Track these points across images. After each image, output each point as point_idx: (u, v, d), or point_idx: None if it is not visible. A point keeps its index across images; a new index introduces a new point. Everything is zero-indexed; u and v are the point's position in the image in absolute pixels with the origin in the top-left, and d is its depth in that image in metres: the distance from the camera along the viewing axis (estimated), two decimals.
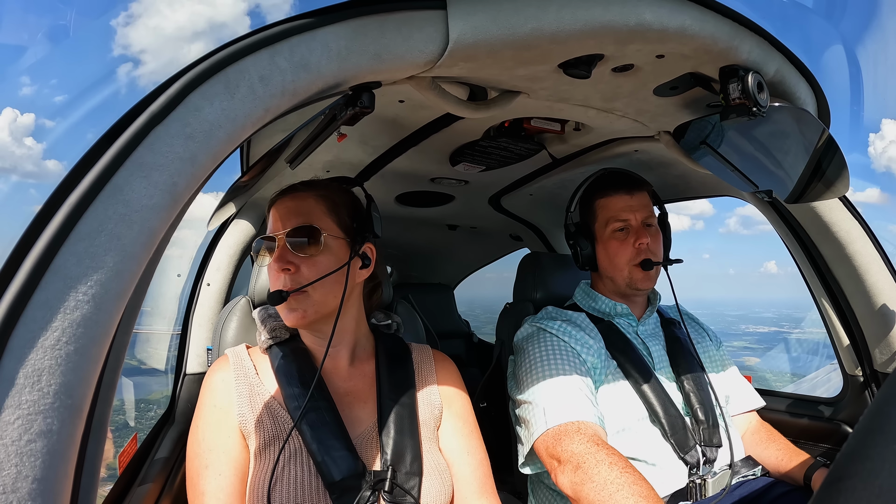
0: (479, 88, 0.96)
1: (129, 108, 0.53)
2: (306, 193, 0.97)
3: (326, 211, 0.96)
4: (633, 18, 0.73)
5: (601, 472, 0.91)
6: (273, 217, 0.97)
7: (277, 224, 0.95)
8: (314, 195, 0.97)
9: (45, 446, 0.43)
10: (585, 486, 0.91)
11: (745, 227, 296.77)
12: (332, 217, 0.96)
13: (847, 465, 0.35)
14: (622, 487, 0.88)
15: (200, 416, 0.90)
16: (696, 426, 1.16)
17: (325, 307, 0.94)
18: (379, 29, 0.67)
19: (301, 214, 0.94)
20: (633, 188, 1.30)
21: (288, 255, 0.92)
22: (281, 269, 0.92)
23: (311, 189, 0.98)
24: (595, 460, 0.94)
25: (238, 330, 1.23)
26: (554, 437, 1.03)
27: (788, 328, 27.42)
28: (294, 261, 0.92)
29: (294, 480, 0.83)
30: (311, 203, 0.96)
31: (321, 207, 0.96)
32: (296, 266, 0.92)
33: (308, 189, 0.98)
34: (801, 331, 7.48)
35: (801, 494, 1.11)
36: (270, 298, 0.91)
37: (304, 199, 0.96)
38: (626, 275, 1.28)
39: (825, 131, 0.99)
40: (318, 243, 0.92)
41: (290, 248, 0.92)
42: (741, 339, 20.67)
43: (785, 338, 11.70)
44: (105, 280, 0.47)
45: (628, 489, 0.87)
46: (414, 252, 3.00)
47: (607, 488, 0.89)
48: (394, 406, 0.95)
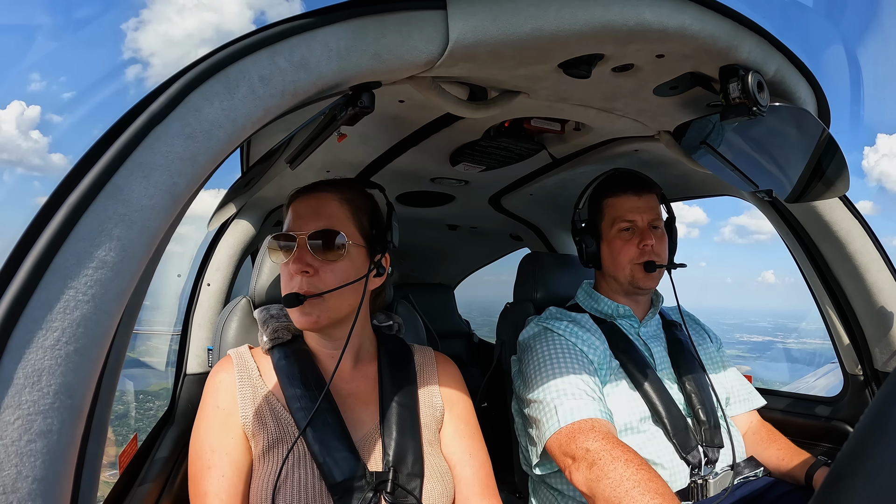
0: (479, 88, 0.96)
1: (130, 107, 0.53)
2: (330, 195, 0.95)
3: (350, 216, 0.94)
4: (633, 18, 0.73)
5: (617, 468, 0.91)
6: (293, 215, 0.95)
7: (298, 223, 0.93)
8: (338, 198, 0.95)
9: (45, 446, 0.43)
10: (601, 483, 0.91)
11: (739, 237, 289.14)
12: (355, 223, 0.94)
13: (848, 464, 0.35)
14: (639, 484, 0.87)
15: (203, 417, 0.90)
16: (697, 427, 1.16)
17: (339, 313, 0.93)
18: (379, 29, 0.67)
19: (324, 217, 0.92)
20: (641, 189, 1.30)
21: (307, 256, 0.90)
22: (300, 272, 0.90)
23: (336, 190, 0.96)
24: (611, 457, 0.93)
25: (238, 330, 1.23)
26: (568, 435, 1.02)
27: (783, 338, 27.64)
28: (313, 263, 0.90)
29: (298, 483, 0.83)
30: (334, 206, 0.94)
31: (344, 212, 0.94)
32: (314, 269, 0.90)
33: (332, 190, 0.96)
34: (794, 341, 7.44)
35: (803, 494, 1.11)
36: (286, 301, 0.89)
37: (327, 200, 0.94)
38: (629, 273, 1.28)
39: (825, 131, 0.99)
40: (340, 249, 0.90)
41: (310, 249, 0.90)
42: (735, 347, 20.82)
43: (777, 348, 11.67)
44: (105, 280, 0.47)
45: (645, 486, 0.87)
46: (414, 252, 3.00)
47: (624, 484, 0.88)
48: (396, 408, 0.94)
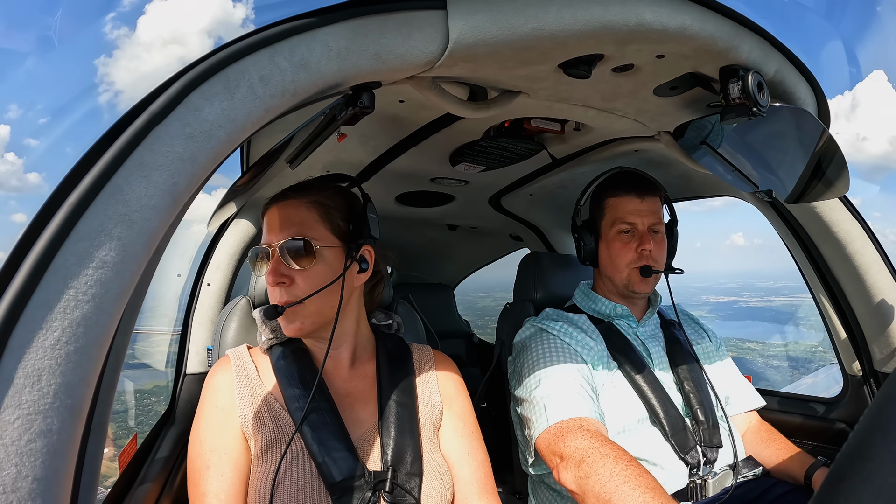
0: (479, 88, 0.96)
1: (123, 113, 0.53)
2: (298, 200, 0.94)
3: (319, 218, 0.94)
4: (633, 18, 0.73)
5: (606, 465, 0.91)
6: (266, 225, 0.95)
7: (270, 235, 0.93)
8: (306, 202, 0.94)
9: (45, 446, 0.43)
10: (590, 480, 0.91)
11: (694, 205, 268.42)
12: (326, 224, 0.94)
13: (847, 464, 0.35)
14: (629, 479, 0.87)
15: (202, 418, 0.90)
16: (696, 427, 1.16)
17: (323, 317, 0.93)
18: (379, 29, 0.67)
19: (293, 224, 0.92)
20: (644, 192, 1.29)
21: (282, 267, 0.90)
22: (276, 283, 0.91)
23: (303, 195, 0.95)
24: (600, 454, 0.93)
25: (238, 330, 1.23)
26: (556, 433, 1.02)
27: (748, 297, 27.99)
28: (288, 273, 0.90)
29: (296, 482, 0.83)
30: (302, 211, 0.93)
31: (313, 215, 0.93)
32: (290, 279, 0.90)
33: (299, 195, 0.95)
34: (759, 299, 7.66)
35: (802, 494, 1.11)
36: (267, 313, 0.90)
37: (295, 206, 0.94)
38: (625, 276, 1.28)
39: (825, 131, 0.99)
40: (311, 255, 0.90)
41: (283, 260, 0.90)
42: (699, 308, 21.41)
43: (740, 307, 11.88)
44: (105, 280, 0.47)
45: (635, 481, 0.87)
46: (414, 252, 3.00)
47: (613, 480, 0.88)
48: (394, 407, 0.94)
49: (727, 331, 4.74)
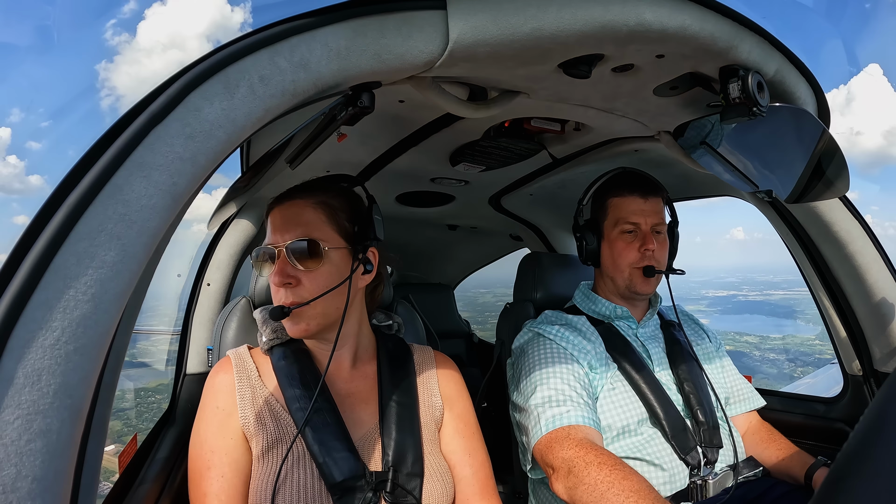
0: (479, 88, 0.96)
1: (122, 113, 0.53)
2: (304, 201, 0.94)
3: (326, 219, 0.93)
4: (633, 18, 0.73)
5: (591, 473, 0.92)
6: (271, 226, 0.94)
7: (276, 235, 0.92)
8: (312, 202, 0.94)
9: (45, 446, 0.43)
10: (578, 490, 0.92)
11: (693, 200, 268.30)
12: (332, 225, 0.93)
13: (848, 464, 0.35)
14: (612, 485, 0.88)
15: (203, 418, 0.90)
16: (696, 427, 1.16)
17: (328, 318, 0.93)
18: (379, 29, 0.67)
19: (300, 225, 0.91)
20: (648, 192, 1.29)
21: (288, 268, 0.90)
22: (282, 284, 0.90)
23: (309, 195, 0.95)
24: (584, 463, 0.94)
25: (238, 330, 1.23)
26: (546, 444, 1.03)
27: (747, 291, 28.17)
28: (295, 274, 0.90)
29: (297, 483, 0.83)
30: (308, 212, 0.93)
31: (320, 216, 0.93)
32: (297, 280, 0.90)
33: (305, 195, 0.95)
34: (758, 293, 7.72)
35: (802, 494, 1.11)
36: (272, 314, 0.89)
37: (301, 207, 0.93)
38: (627, 277, 1.28)
39: (825, 131, 0.99)
40: (318, 256, 0.90)
41: (289, 261, 0.90)
42: (698, 303, 21.49)
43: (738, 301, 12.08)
44: (105, 280, 0.47)
45: (619, 486, 0.88)
46: (414, 252, 3.00)
47: (598, 488, 0.89)
48: (395, 407, 0.94)
49: (725, 325, 4.73)
